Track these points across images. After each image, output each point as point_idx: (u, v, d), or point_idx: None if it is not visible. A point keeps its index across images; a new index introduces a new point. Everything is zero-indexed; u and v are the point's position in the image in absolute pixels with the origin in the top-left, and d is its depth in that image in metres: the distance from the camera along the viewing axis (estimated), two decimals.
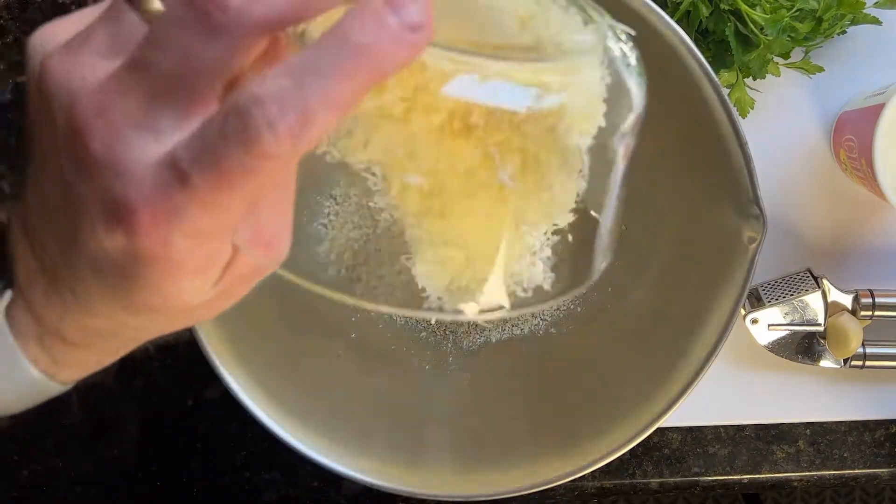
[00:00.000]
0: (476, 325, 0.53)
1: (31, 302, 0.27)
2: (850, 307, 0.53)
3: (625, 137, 0.27)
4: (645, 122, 0.48)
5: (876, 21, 0.52)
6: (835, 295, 0.53)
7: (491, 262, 0.25)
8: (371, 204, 0.25)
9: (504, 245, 0.25)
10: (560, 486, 0.46)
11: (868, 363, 0.53)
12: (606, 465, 0.45)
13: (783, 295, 0.53)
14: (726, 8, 0.49)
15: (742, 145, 0.41)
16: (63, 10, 0.53)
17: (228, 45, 0.20)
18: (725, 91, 0.41)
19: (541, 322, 0.53)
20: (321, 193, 0.39)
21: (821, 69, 0.53)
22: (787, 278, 0.54)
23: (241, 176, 0.19)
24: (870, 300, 0.53)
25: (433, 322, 0.53)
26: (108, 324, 0.26)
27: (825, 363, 0.54)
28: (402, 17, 0.19)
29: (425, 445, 0.47)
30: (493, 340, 0.53)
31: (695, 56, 0.41)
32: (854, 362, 0.53)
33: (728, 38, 0.49)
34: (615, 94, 0.26)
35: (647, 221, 0.50)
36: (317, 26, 0.21)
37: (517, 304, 0.26)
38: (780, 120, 0.55)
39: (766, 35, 0.49)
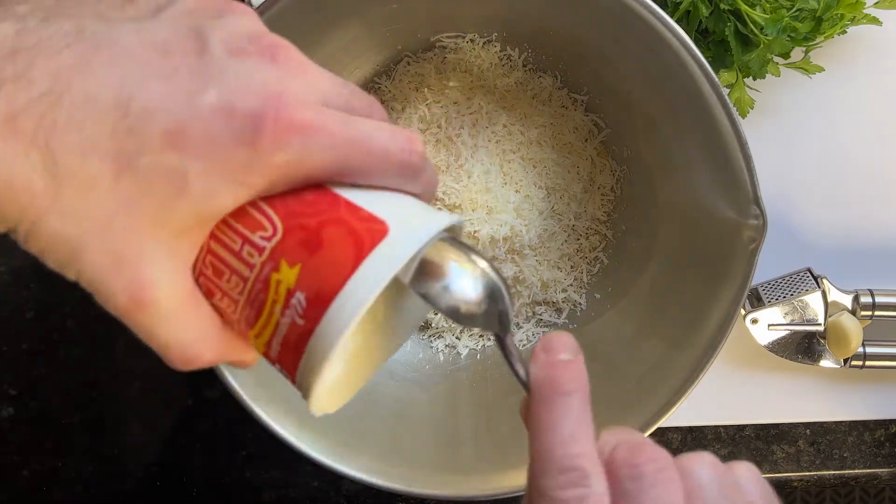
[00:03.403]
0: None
1: None
2: (850, 307, 0.53)
3: None
4: (645, 122, 0.48)
5: (876, 21, 0.52)
6: (835, 295, 0.53)
7: None
8: None
9: None
10: None
11: (868, 363, 0.53)
12: None
13: (783, 295, 0.53)
14: (726, 8, 0.49)
15: (742, 145, 0.41)
16: None
17: None
18: (725, 91, 0.41)
19: (539, 324, 0.53)
20: None
21: (821, 69, 0.53)
22: (787, 278, 0.54)
23: None
24: (870, 300, 0.53)
25: (433, 324, 0.53)
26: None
27: (825, 363, 0.54)
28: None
29: (425, 445, 0.47)
30: (492, 341, 0.53)
31: (695, 56, 0.41)
32: (854, 362, 0.53)
33: (728, 38, 0.49)
34: None
35: (647, 221, 0.50)
36: None
37: None
38: (780, 120, 0.55)
39: (766, 35, 0.49)
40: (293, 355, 0.26)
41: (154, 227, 0.24)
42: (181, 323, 0.26)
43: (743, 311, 0.53)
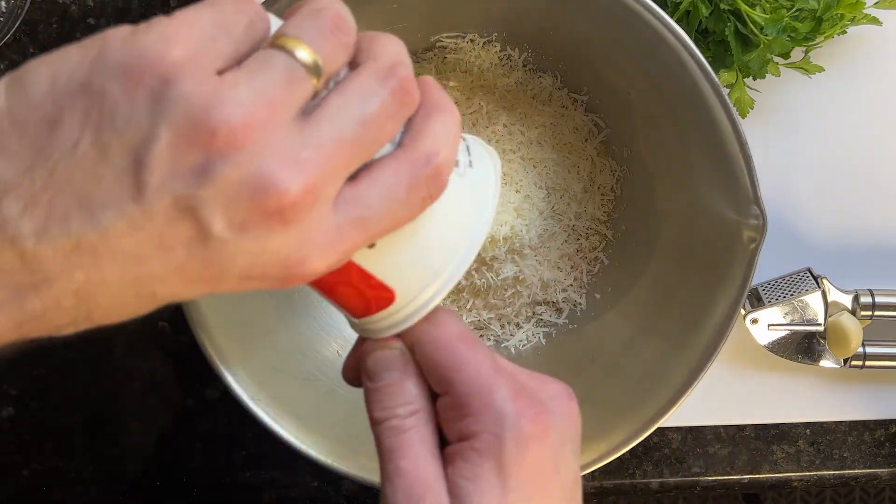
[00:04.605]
0: (476, 327, 0.53)
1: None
2: (850, 307, 0.53)
3: None
4: (645, 122, 0.48)
5: (876, 21, 0.52)
6: (835, 295, 0.53)
7: None
8: None
9: None
10: None
11: (868, 363, 0.53)
12: (606, 465, 0.45)
13: (783, 295, 0.53)
14: (726, 8, 0.49)
15: (742, 145, 0.41)
16: (62, 10, 0.53)
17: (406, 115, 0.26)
18: (725, 91, 0.41)
19: (539, 324, 0.53)
20: None
21: (821, 69, 0.53)
22: (787, 278, 0.54)
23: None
24: (870, 300, 0.53)
25: None
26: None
27: (825, 363, 0.54)
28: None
29: None
30: (492, 342, 0.53)
31: (695, 56, 0.41)
32: (854, 362, 0.53)
33: (728, 38, 0.49)
34: None
35: (647, 221, 0.50)
36: None
37: None
38: (780, 120, 0.55)
39: (766, 35, 0.49)
40: None
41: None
42: None
43: (743, 311, 0.53)
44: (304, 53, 0.24)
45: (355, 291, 0.28)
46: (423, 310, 0.29)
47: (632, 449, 0.46)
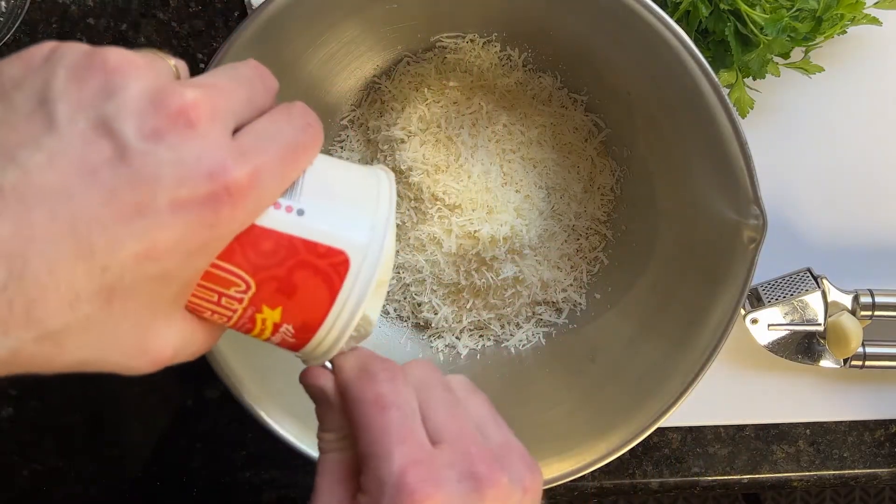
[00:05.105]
0: (475, 327, 0.53)
1: None
2: (849, 307, 0.53)
3: None
4: (645, 122, 0.48)
5: (876, 21, 0.52)
6: (835, 295, 0.53)
7: None
8: None
9: None
10: (560, 485, 0.46)
11: (868, 363, 0.53)
12: (606, 465, 0.45)
13: (783, 295, 0.53)
14: (726, 8, 0.49)
15: (742, 145, 0.41)
16: (62, 10, 0.53)
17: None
18: (725, 91, 0.41)
19: (539, 324, 0.53)
20: None
21: (821, 69, 0.53)
22: (787, 278, 0.54)
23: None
24: (870, 300, 0.53)
25: (433, 324, 0.53)
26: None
27: (825, 363, 0.54)
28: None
29: None
30: (492, 342, 0.53)
31: (694, 56, 0.41)
32: (854, 362, 0.53)
33: (728, 38, 0.49)
34: None
35: (647, 221, 0.50)
36: None
37: None
38: (780, 120, 0.55)
39: (765, 35, 0.49)
40: (289, 349, 0.32)
41: (152, 318, 0.27)
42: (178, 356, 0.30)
43: (743, 311, 0.53)
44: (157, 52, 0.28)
45: (312, 271, 0.29)
46: (378, 259, 0.29)
47: (632, 449, 0.46)
